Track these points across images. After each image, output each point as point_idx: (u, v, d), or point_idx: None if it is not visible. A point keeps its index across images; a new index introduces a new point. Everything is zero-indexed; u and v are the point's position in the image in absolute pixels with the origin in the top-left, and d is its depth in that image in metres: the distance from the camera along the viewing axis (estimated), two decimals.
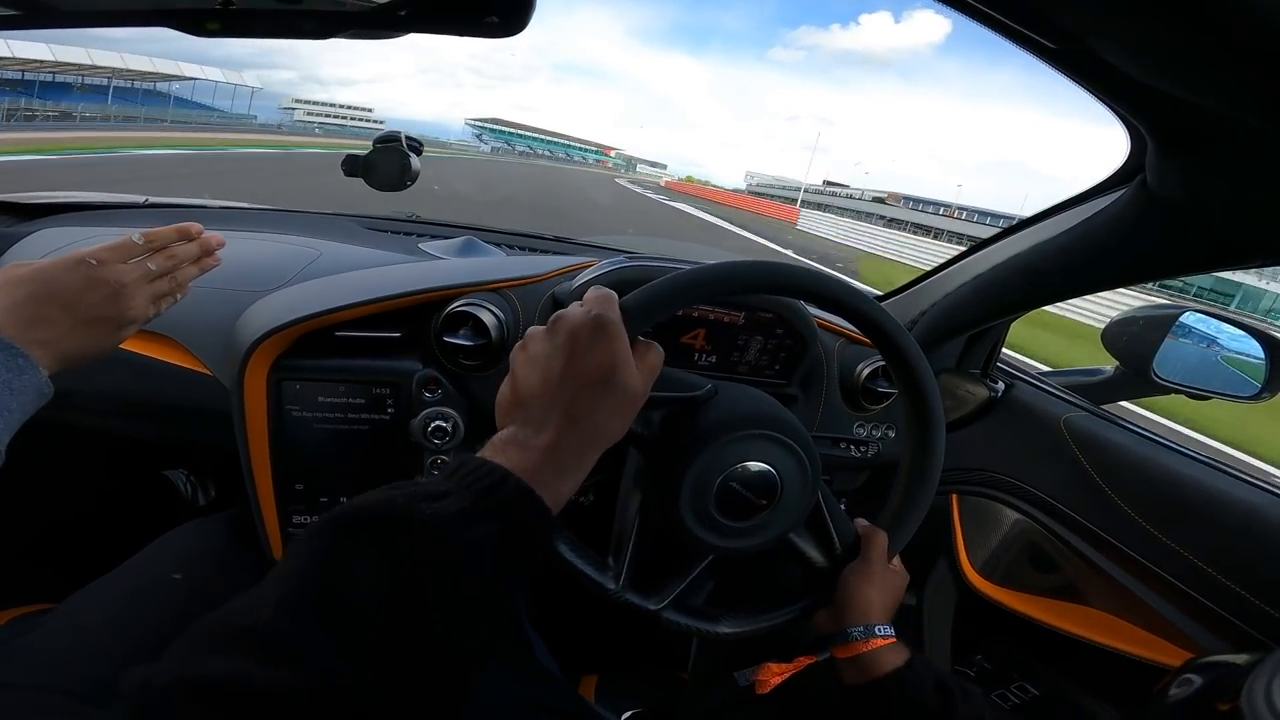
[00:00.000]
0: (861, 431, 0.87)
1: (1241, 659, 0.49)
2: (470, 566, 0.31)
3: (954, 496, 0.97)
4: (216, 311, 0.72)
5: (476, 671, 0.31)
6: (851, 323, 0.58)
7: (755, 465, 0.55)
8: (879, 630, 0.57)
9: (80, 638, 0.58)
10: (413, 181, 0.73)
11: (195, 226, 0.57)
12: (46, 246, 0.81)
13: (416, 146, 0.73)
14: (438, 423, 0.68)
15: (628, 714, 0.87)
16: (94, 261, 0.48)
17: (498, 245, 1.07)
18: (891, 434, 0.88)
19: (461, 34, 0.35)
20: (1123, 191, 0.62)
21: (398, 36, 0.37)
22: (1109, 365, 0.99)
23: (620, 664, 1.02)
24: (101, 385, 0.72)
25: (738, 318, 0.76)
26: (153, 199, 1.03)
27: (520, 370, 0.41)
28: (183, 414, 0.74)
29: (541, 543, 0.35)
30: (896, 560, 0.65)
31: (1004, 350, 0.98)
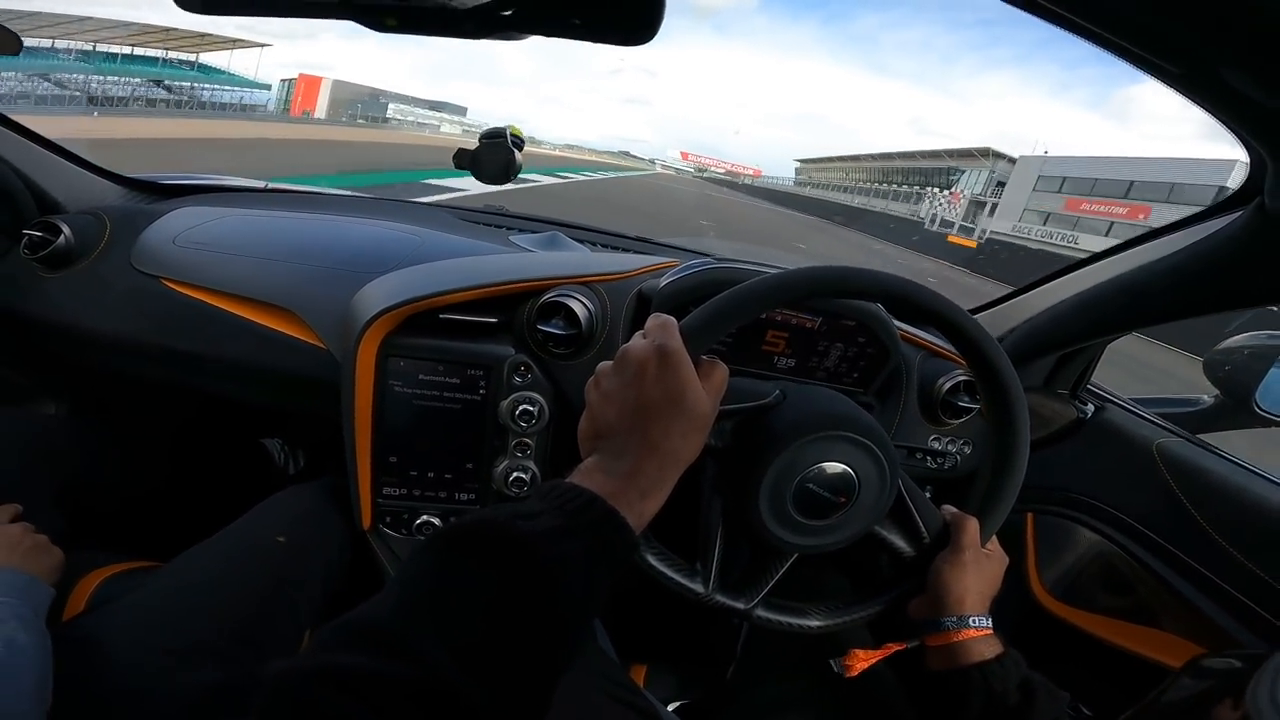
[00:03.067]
0: (937, 445, 0.86)
1: (1239, 662, 0.48)
2: (559, 578, 0.35)
3: (1029, 515, 0.95)
4: (334, 290, 0.77)
5: (563, 669, 0.35)
6: (917, 319, 0.57)
7: (831, 465, 0.55)
8: (973, 621, 0.57)
9: (183, 597, 0.62)
10: (516, 175, 0.77)
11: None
12: (182, 224, 0.90)
13: (520, 143, 0.77)
14: (525, 406, 0.71)
15: (675, 705, 0.87)
16: None
17: (580, 242, 1.10)
18: (968, 450, 0.86)
19: (606, 42, 0.37)
20: (1239, 214, 0.61)
21: (546, 36, 0.39)
22: (1207, 395, 0.97)
23: (670, 656, 1.03)
24: (231, 352, 0.79)
25: (815, 323, 0.76)
26: (272, 184, 1.12)
27: (596, 405, 0.45)
28: (295, 383, 0.80)
29: (624, 558, 0.39)
30: (993, 543, 0.64)
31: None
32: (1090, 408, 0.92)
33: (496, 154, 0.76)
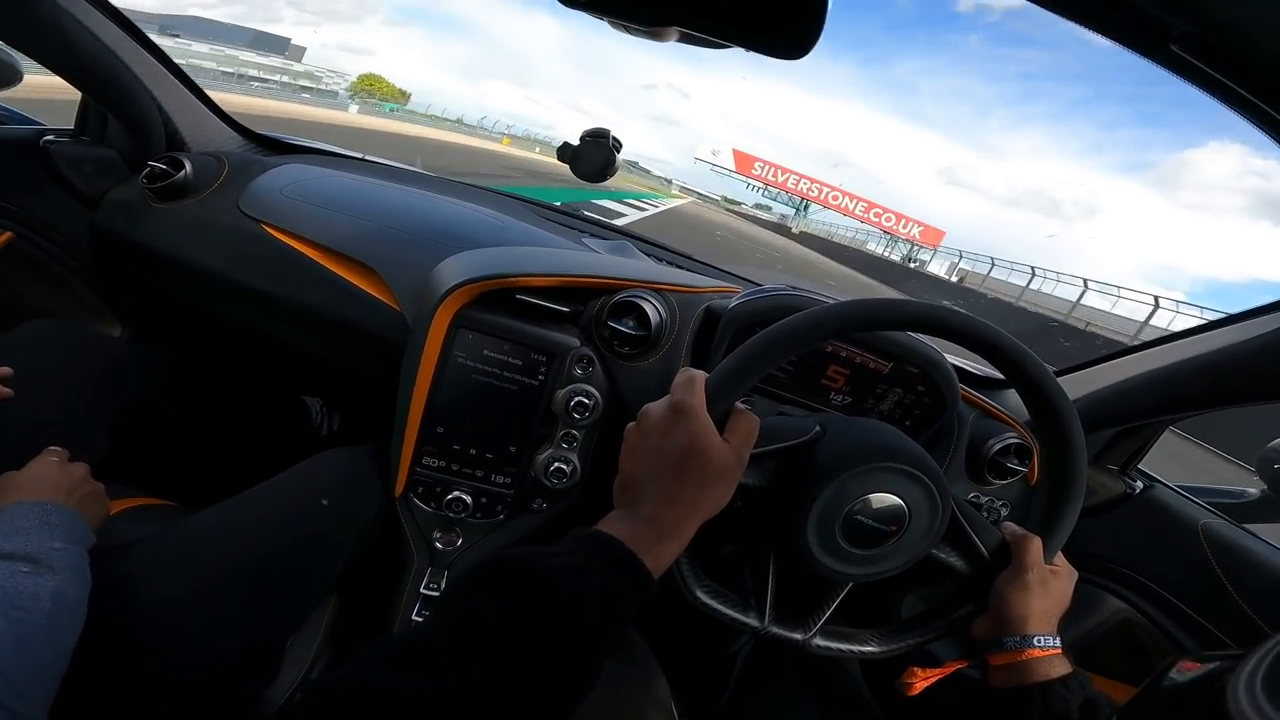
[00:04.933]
0: (977, 500, 0.86)
1: (1220, 663, 0.44)
2: (578, 610, 0.38)
3: None
4: (417, 257, 0.80)
5: (582, 693, 0.38)
6: (950, 339, 0.56)
7: (878, 496, 0.55)
8: (1038, 641, 0.56)
9: (222, 546, 0.61)
10: (613, 175, 0.79)
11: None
12: (290, 177, 0.95)
13: (619, 144, 0.79)
14: (580, 398, 0.71)
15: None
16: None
17: (647, 255, 1.12)
18: (1005, 511, 0.87)
19: (763, 52, 0.38)
20: None
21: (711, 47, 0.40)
22: (1253, 488, 1.02)
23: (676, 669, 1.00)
24: (311, 298, 0.82)
25: (884, 366, 0.76)
26: (369, 156, 1.19)
27: (622, 461, 0.50)
28: (363, 338, 0.82)
29: (642, 595, 0.42)
30: (1060, 559, 0.63)
31: None
32: (1139, 484, 0.94)
33: (597, 152, 0.78)
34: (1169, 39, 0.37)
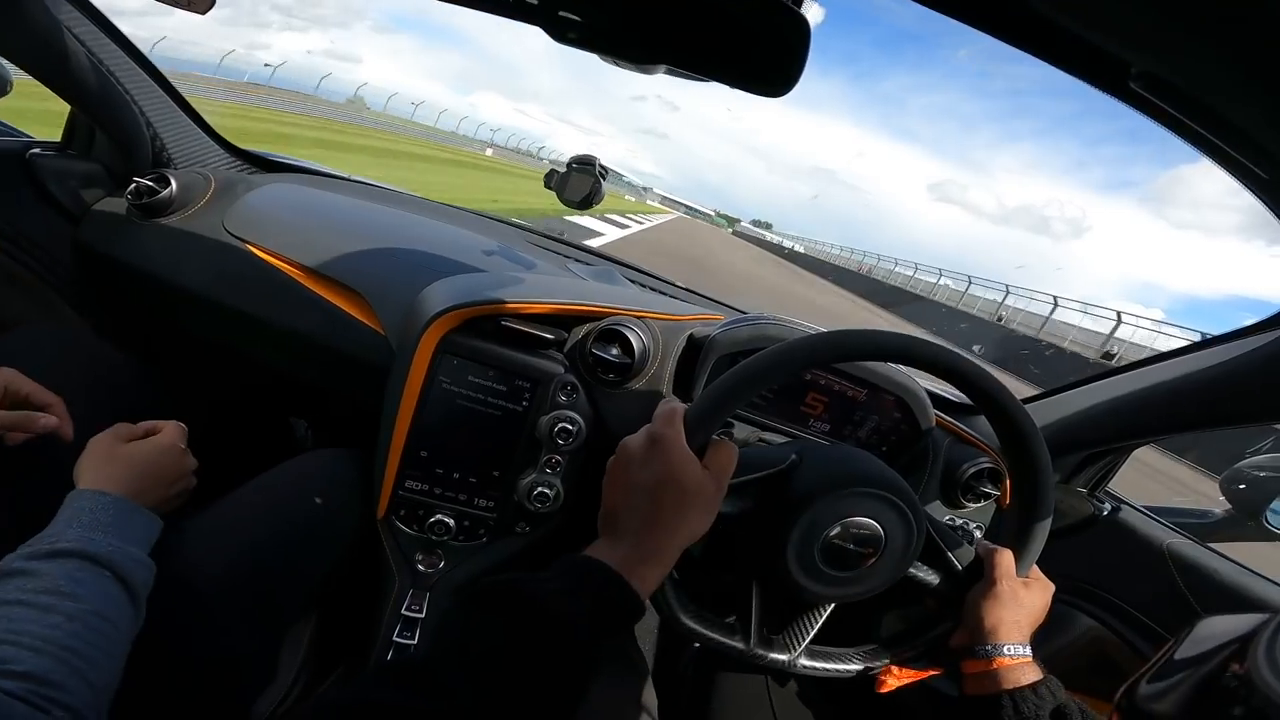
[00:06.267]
0: (952, 523, 0.89)
1: (1242, 625, 0.46)
2: (567, 632, 0.40)
3: None
4: (404, 281, 0.80)
5: (575, 706, 0.41)
6: (922, 369, 0.58)
7: (855, 520, 0.57)
8: (1008, 650, 0.59)
9: (213, 544, 0.62)
10: (599, 202, 0.80)
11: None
12: (277, 196, 0.96)
13: (604, 173, 0.81)
14: (564, 424, 0.72)
15: None
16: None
17: (632, 282, 1.13)
18: (978, 534, 0.90)
19: (745, 89, 0.40)
20: None
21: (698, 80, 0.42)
22: (1218, 508, 1.06)
23: None
24: (295, 321, 0.82)
25: (860, 393, 0.79)
26: (357, 177, 1.19)
27: (605, 490, 0.52)
28: (347, 363, 0.82)
29: (629, 614, 0.44)
30: (1035, 572, 0.65)
31: None
32: (1107, 506, 0.97)
33: (583, 180, 0.80)
34: (1128, 77, 0.39)
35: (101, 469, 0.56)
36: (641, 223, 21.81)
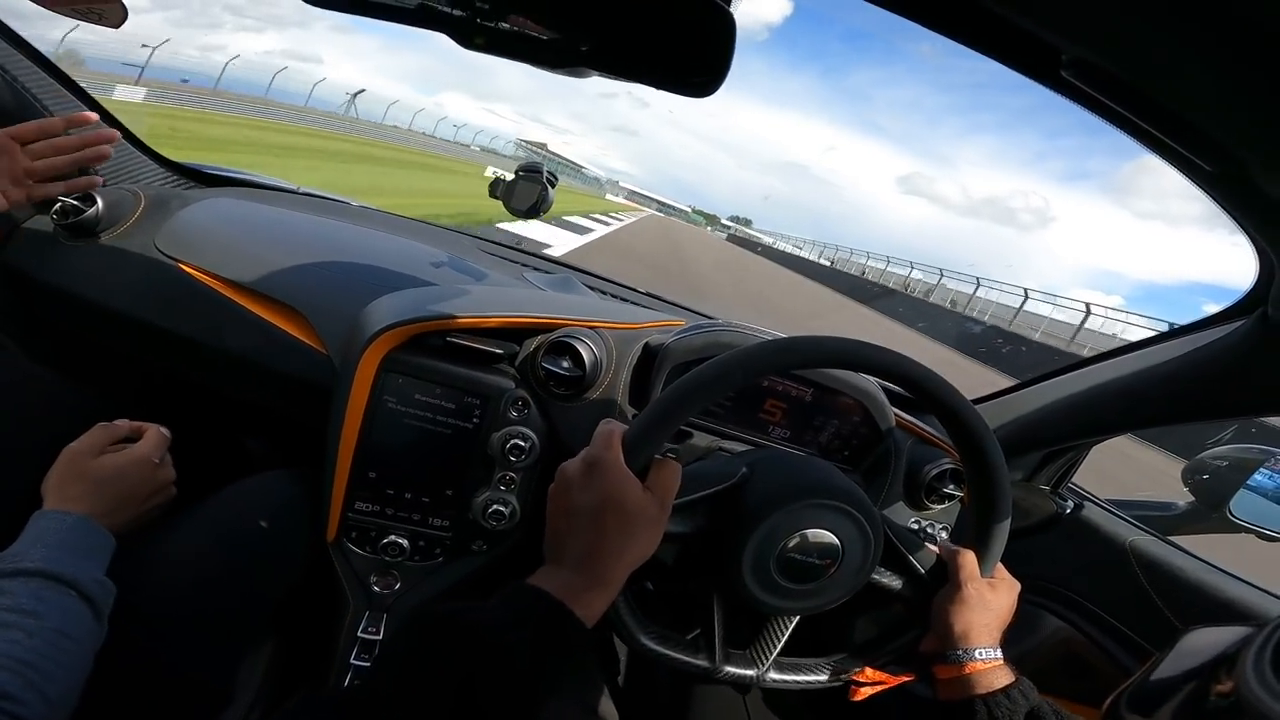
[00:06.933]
0: (915, 526, 0.88)
1: (1230, 637, 0.46)
2: (508, 662, 0.40)
3: None
4: (346, 298, 0.77)
5: None
6: (870, 373, 0.59)
7: (811, 532, 0.56)
8: (979, 654, 0.58)
9: (160, 571, 0.61)
10: (546, 210, 0.78)
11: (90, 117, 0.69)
12: (212, 213, 0.91)
13: (553, 179, 0.79)
14: (517, 441, 0.70)
15: None
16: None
17: (592, 289, 1.11)
18: (944, 535, 0.89)
19: (671, 90, 0.39)
20: (1241, 323, 0.63)
21: (622, 80, 0.40)
22: (1181, 500, 1.04)
23: None
24: (232, 343, 0.79)
25: (818, 398, 0.78)
26: (303, 188, 1.15)
27: (548, 516, 0.51)
28: (289, 383, 0.79)
29: (575, 642, 0.43)
30: (1001, 571, 0.65)
31: None
32: (1069, 504, 0.96)
33: (530, 188, 0.78)
34: (1059, 64, 0.38)
35: (68, 487, 0.57)
36: (608, 224, 20.60)
